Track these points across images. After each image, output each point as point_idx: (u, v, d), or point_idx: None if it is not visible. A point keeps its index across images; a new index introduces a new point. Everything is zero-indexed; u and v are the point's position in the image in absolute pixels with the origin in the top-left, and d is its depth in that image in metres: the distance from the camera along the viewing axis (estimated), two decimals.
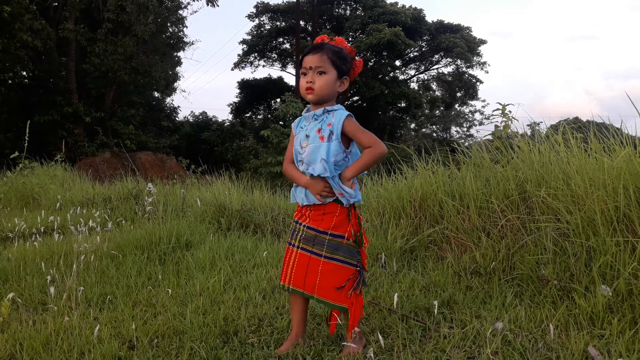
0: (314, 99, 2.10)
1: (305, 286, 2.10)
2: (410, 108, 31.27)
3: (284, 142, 15.41)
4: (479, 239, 3.34)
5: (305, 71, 2.11)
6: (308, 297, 2.13)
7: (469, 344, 2.19)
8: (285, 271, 2.17)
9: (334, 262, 2.08)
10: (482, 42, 31.68)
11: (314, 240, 2.10)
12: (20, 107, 17.87)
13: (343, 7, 33.42)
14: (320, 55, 2.07)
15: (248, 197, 5.68)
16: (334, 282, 2.08)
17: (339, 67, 2.09)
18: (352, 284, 2.10)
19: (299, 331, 2.24)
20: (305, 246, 2.11)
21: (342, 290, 2.08)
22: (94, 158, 15.72)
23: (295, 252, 2.14)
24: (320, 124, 2.09)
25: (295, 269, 2.12)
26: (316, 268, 2.08)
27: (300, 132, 2.17)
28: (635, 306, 2.30)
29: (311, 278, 2.09)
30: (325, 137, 2.06)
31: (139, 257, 3.74)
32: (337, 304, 2.08)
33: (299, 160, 2.16)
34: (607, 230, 2.64)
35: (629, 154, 2.84)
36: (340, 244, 2.09)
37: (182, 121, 30.70)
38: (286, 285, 2.16)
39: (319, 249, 2.09)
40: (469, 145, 5.26)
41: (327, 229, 2.09)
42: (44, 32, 16.02)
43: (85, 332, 2.36)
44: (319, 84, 2.07)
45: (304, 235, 2.12)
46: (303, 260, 2.11)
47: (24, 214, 6.01)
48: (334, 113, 2.09)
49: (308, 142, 2.09)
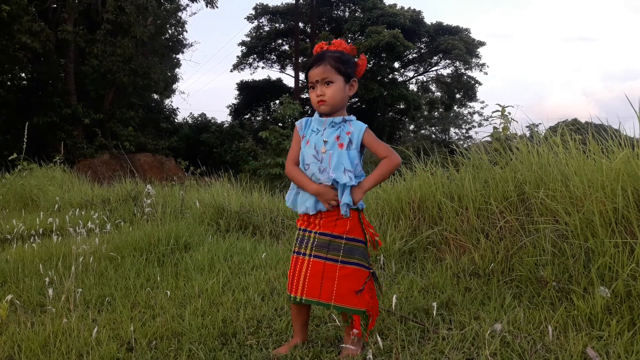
0: (327, 109, 2.10)
1: (322, 295, 2.05)
2: (409, 110, 31.32)
3: (282, 144, 15.42)
4: (478, 240, 3.34)
5: (313, 85, 2.12)
6: (324, 306, 2.09)
7: (468, 346, 2.19)
8: (295, 282, 2.10)
9: (351, 266, 2.07)
10: (480, 43, 31.74)
11: (329, 246, 2.07)
12: (19, 109, 17.87)
13: (342, 9, 33.45)
14: (323, 66, 2.08)
15: (247, 199, 5.68)
16: (352, 286, 2.06)
17: (344, 72, 2.10)
18: (371, 286, 2.11)
19: (303, 338, 2.24)
20: (319, 253, 2.08)
21: (361, 294, 2.07)
22: (93, 160, 15.71)
23: (308, 260, 2.09)
24: (339, 131, 2.09)
25: (309, 278, 2.07)
26: (333, 274, 2.06)
27: (313, 135, 2.13)
28: (634, 307, 2.30)
29: (328, 285, 2.05)
30: (345, 144, 2.06)
31: (137, 259, 3.74)
32: (357, 308, 2.07)
33: (306, 163, 2.12)
34: (606, 231, 2.65)
35: (627, 156, 2.85)
36: (355, 247, 2.08)
37: (181, 123, 30.69)
38: (298, 297, 2.10)
39: (335, 255, 2.07)
40: (468, 146, 5.26)
41: (343, 233, 2.07)
42: (43, 33, 16.02)
43: (84, 334, 2.35)
44: (330, 94, 2.08)
45: (317, 242, 2.09)
46: (317, 268, 2.07)
47: (23, 215, 6.00)
48: (351, 123, 2.11)
49: (327, 149, 2.07)
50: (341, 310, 2.09)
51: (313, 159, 2.10)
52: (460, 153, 4.15)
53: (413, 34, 29.82)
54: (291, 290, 2.12)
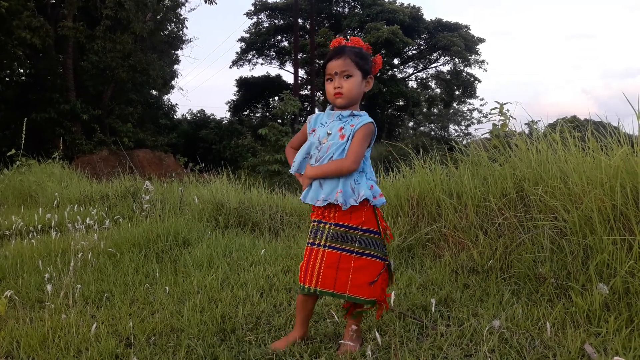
0: (343, 102, 2.12)
1: (336, 286, 2.06)
2: (408, 106, 31.32)
3: (281, 141, 15.40)
4: (477, 237, 3.35)
5: (330, 77, 2.13)
6: (338, 297, 2.10)
7: (466, 342, 2.20)
8: (309, 272, 2.10)
9: (366, 257, 2.08)
10: (480, 40, 31.73)
11: (344, 237, 2.08)
12: (18, 105, 17.81)
13: (341, 5, 33.39)
14: (343, 59, 2.09)
15: (246, 195, 5.68)
16: (366, 278, 2.07)
17: (362, 67, 2.11)
18: (385, 277, 2.13)
19: (304, 331, 2.24)
20: (334, 244, 2.08)
21: (375, 285, 2.08)
22: (92, 156, 15.70)
23: (322, 251, 2.09)
24: (344, 123, 2.11)
25: (324, 269, 2.07)
26: (348, 265, 2.07)
27: (321, 128, 2.16)
28: (632, 304, 2.31)
29: (343, 276, 2.06)
30: (346, 136, 2.07)
31: (136, 255, 3.74)
32: (369, 298, 2.08)
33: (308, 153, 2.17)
34: (604, 228, 2.65)
35: (626, 153, 2.85)
36: (371, 238, 2.09)
37: (180, 119, 30.63)
38: (312, 288, 2.09)
39: (350, 246, 2.08)
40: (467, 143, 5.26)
41: (359, 224, 2.08)
42: (43, 29, 15.96)
43: (83, 330, 2.36)
44: (347, 87, 2.09)
45: (332, 233, 2.09)
46: (332, 259, 2.07)
47: (22, 211, 5.99)
48: (359, 117, 2.12)
49: (328, 139, 2.10)
50: (354, 301, 2.11)
51: (315, 149, 2.14)
52: (459, 150, 4.15)
53: (412, 30, 29.79)
54: (305, 280, 2.11)
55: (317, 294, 2.13)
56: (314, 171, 2.11)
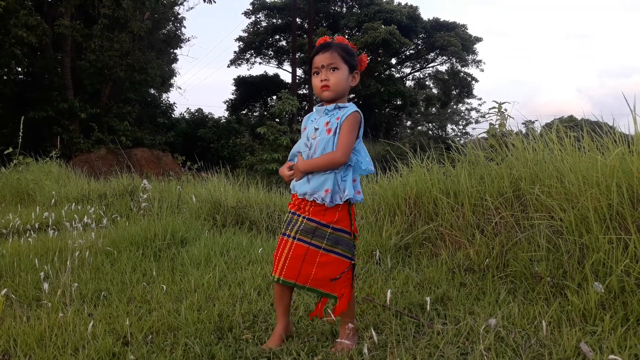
0: (330, 95, 2.14)
1: (299, 277, 2.10)
2: (405, 106, 31.30)
3: (279, 139, 15.42)
4: (473, 236, 3.36)
5: (317, 70, 2.15)
6: (299, 287, 2.14)
7: (462, 340, 2.21)
8: (277, 262, 2.15)
9: (333, 254, 2.10)
10: (477, 39, 31.73)
11: (314, 232, 2.10)
12: (15, 103, 17.78)
13: (339, 5, 33.38)
14: (330, 52, 2.12)
15: (243, 194, 5.68)
16: (329, 274, 2.10)
17: (349, 62, 2.15)
18: (348, 275, 2.14)
19: (286, 322, 2.24)
20: (303, 237, 2.11)
21: (336, 282, 2.11)
22: (89, 154, 15.66)
23: (291, 242, 2.13)
24: (330, 117, 2.13)
25: (290, 260, 2.11)
26: (314, 259, 2.09)
27: (310, 125, 2.20)
28: (627, 303, 2.32)
29: (307, 269, 2.09)
30: (332, 129, 2.09)
31: (133, 254, 3.74)
32: (328, 292, 2.12)
33: (299, 150, 2.21)
34: (600, 227, 2.66)
35: (622, 152, 2.86)
36: (341, 237, 2.11)
37: (177, 118, 30.57)
38: (276, 277, 2.13)
39: (319, 241, 2.10)
40: (464, 143, 5.27)
41: (330, 222, 2.10)
42: (40, 28, 15.92)
43: (80, 328, 2.36)
44: (334, 80, 2.12)
45: (303, 226, 2.12)
46: (299, 252, 2.10)
47: (19, 210, 5.98)
48: (344, 109, 2.13)
49: (317, 135, 2.13)
50: (313, 292, 2.16)
51: (304, 146, 2.18)
52: (456, 149, 4.16)
53: (410, 30, 29.76)
54: (275, 270, 2.16)
55: (280, 283, 2.15)
56: (305, 165, 2.12)
